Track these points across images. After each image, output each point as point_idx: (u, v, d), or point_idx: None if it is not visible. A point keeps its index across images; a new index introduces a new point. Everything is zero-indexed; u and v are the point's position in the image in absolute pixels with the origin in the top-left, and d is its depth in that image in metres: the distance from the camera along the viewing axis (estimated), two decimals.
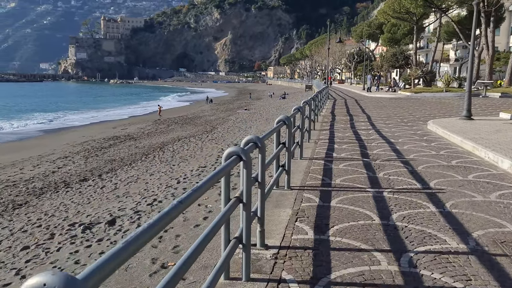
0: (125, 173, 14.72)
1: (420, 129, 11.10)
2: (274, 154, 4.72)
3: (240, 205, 2.80)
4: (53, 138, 28.16)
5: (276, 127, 4.72)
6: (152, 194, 10.98)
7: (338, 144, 8.72)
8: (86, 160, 18.37)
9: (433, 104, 21.60)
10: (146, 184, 12.37)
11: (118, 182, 13.20)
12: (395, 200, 4.68)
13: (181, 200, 2.06)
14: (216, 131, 25.11)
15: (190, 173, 13.10)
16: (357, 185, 5.37)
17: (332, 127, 12.03)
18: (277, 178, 4.98)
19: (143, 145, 22.01)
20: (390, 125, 12.02)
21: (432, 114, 16.20)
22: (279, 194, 4.97)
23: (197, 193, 2.23)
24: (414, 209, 4.34)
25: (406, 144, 8.68)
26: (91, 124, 37.26)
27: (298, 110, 6.95)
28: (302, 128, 7.44)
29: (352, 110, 18.25)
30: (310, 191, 5.09)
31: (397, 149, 8.00)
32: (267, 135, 3.80)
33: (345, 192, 5.04)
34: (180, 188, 11.12)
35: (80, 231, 8.36)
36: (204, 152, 17.37)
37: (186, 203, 2.07)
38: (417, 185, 5.35)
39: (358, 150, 8.05)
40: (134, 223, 8.49)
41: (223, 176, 2.61)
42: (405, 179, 5.66)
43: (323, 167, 6.52)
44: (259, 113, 36.63)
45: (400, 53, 39.91)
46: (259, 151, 3.28)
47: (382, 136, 9.70)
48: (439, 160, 6.97)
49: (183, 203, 2.03)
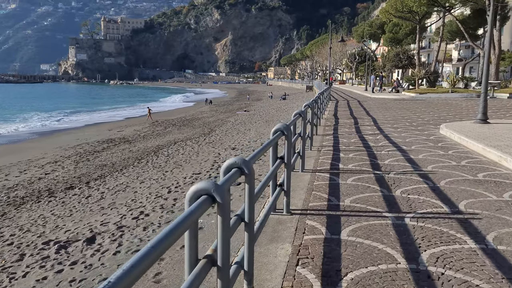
0: (114, 180, 13.80)
1: (432, 134, 10.15)
2: (270, 172, 3.80)
3: (213, 269, 1.86)
4: (46, 141, 27.26)
5: (272, 139, 3.80)
6: (139, 205, 10.04)
7: (344, 153, 7.78)
8: (76, 165, 17.46)
9: (440, 106, 20.65)
10: (134, 193, 11.44)
11: (106, 190, 12.28)
12: (421, 230, 3.74)
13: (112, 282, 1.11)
14: (214, 133, 24.19)
15: (183, 180, 12.17)
16: (371, 207, 4.43)
17: (336, 131, 11.08)
18: (274, 201, 4.06)
19: (137, 148, 21.11)
20: (399, 130, 11.07)
21: (442, 116, 15.25)
22: (276, 222, 4.03)
23: (146, 261, 1.28)
24: (448, 245, 3.39)
25: (420, 152, 7.73)
26: (86, 126, 36.37)
27: (299, 115, 6.02)
28: (304, 135, 6.50)
29: (356, 112, 17.30)
30: (314, 217, 4.15)
31: (412, 159, 7.05)
32: (258, 154, 2.87)
33: (358, 218, 4.10)
34: (171, 198, 10.20)
35: (54, 251, 7.43)
36: (200, 156, 16.45)
37: None
38: (444, 207, 4.41)
39: (367, 159, 7.10)
40: (115, 242, 7.55)
41: (185, 230, 1.66)
42: (427, 199, 4.72)
43: (328, 182, 5.58)
44: (258, 114, 35.71)
45: (403, 53, 38.96)
46: (245, 180, 2.37)
47: (392, 143, 8.76)
48: (463, 173, 6.03)
49: None
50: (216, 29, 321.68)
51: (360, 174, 5.97)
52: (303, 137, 6.42)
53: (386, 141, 9.07)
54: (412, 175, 5.88)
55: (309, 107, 7.98)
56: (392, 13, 46.56)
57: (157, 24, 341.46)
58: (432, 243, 3.42)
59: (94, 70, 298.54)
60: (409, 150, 7.93)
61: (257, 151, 2.87)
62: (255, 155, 2.75)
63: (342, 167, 6.53)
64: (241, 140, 20.06)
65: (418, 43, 46.84)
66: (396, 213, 4.21)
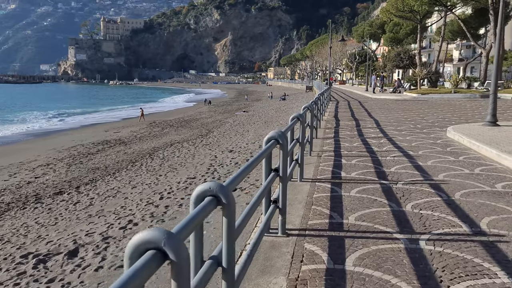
0: (105, 184, 13.22)
1: (439, 137, 9.56)
2: (263, 188, 3.23)
3: None
4: (40, 143, 26.70)
5: (264, 149, 3.22)
6: (129, 213, 9.46)
7: (346, 159, 7.19)
8: (69, 168, 16.90)
9: (443, 107, 20.06)
10: (125, 200, 10.86)
11: (95, 196, 11.70)
12: (440, 258, 3.16)
13: None
14: (212, 135, 23.61)
15: (177, 185, 11.59)
16: (379, 227, 3.85)
17: (336, 134, 10.50)
18: (267, 221, 3.48)
19: (132, 150, 20.55)
20: (403, 132, 10.48)
21: (446, 118, 14.66)
22: (269, 246, 3.45)
23: None
24: (475, 279, 2.82)
25: (428, 158, 7.15)
26: (83, 127, 35.80)
27: (297, 119, 5.45)
28: (303, 141, 5.92)
29: (357, 113, 16.72)
30: (314, 239, 3.57)
31: (420, 166, 6.47)
32: (242, 175, 2.25)
33: (364, 240, 3.51)
34: (162, 206, 9.62)
35: (31, 266, 6.85)
36: (195, 159, 15.87)
37: None
38: (463, 227, 3.82)
39: (371, 166, 6.52)
40: (99, 255, 6.97)
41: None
42: (443, 216, 4.14)
43: (329, 194, 4.99)
44: (258, 115, 35.13)
45: (405, 53, 38.36)
46: (223, 212, 1.79)
47: (397, 147, 8.18)
48: (479, 184, 5.45)
49: None
50: (216, 29, 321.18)
51: (365, 184, 5.39)
52: (301, 142, 5.84)
53: (391, 145, 8.49)
54: (423, 186, 5.31)
55: (308, 110, 7.40)
56: (393, 12, 46.04)
57: (156, 24, 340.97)
58: (455, 276, 2.84)
59: (93, 70, 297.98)
60: (416, 155, 7.35)
61: (241, 169, 2.27)
62: (237, 176, 2.14)
63: (345, 175, 5.95)
64: (239, 142, 19.50)
65: (419, 42, 46.26)
66: (409, 234, 3.63)
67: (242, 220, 2.25)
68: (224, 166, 13.75)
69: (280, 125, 24.49)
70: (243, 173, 2.22)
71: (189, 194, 10.25)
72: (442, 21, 45.75)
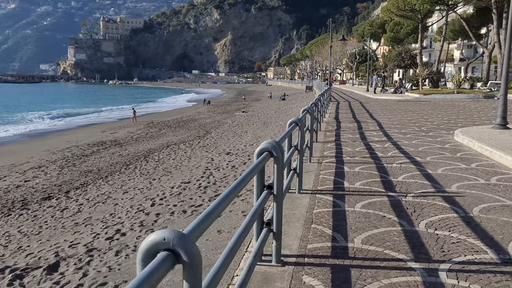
0: (96, 189, 12.68)
1: (446, 141, 9.00)
2: (254, 209, 2.68)
3: None
4: (35, 144, 26.18)
5: (255, 164, 2.66)
6: (117, 221, 8.90)
7: (349, 166, 6.64)
8: (61, 171, 16.37)
9: (447, 108, 19.50)
10: (115, 206, 10.31)
11: (85, 202, 11.15)
12: None
13: None
14: (209, 136, 23.07)
15: (170, 191, 11.02)
16: (390, 252, 3.30)
17: (338, 137, 9.94)
18: (260, 247, 2.92)
19: (127, 152, 20.03)
20: (408, 136, 9.91)
21: (452, 120, 14.10)
22: (261, 279, 2.89)
23: None
24: None
25: (438, 165, 6.59)
26: (80, 127, 35.26)
27: (295, 123, 4.89)
28: (302, 148, 5.36)
29: (359, 115, 16.15)
30: (314, 269, 3.02)
31: (430, 175, 5.91)
32: (207, 219, 1.54)
33: (374, 272, 2.96)
34: (153, 213, 9.06)
35: (6, 283, 6.30)
36: (191, 162, 15.32)
37: None
38: (489, 253, 3.27)
39: (376, 175, 5.96)
40: (80, 270, 6.41)
41: None
42: (463, 238, 3.58)
43: (331, 209, 4.44)
44: (257, 115, 34.57)
45: (406, 52, 37.77)
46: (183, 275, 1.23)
47: (403, 152, 7.62)
48: (498, 197, 4.89)
49: None
50: (216, 29, 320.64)
51: (371, 197, 4.84)
52: (300, 149, 5.28)
53: (396, 150, 7.93)
54: (435, 199, 4.76)
55: (308, 112, 6.85)
56: (394, 11, 45.47)
57: (156, 24, 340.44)
58: None
59: (93, 70, 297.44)
60: (424, 162, 6.80)
61: (211, 206, 1.61)
62: (204, 219, 1.47)
63: (348, 186, 5.40)
64: (236, 144, 18.97)
65: (420, 42, 45.69)
66: (426, 263, 3.08)
67: (215, 273, 1.67)
68: (221, 169, 13.20)
69: (279, 126, 23.96)
70: (213, 212, 1.60)
71: (182, 201, 9.71)
72: (443, 21, 45.19)
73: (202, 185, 11.04)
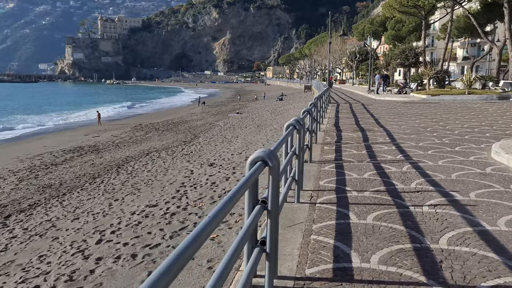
0: (44, 213, 10.43)
1: (485, 162, 6.70)
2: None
3: None
4: (7, 148, 23.94)
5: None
6: (42, 271, 6.65)
7: (356, 212, 4.36)
8: (17, 185, 14.17)
9: (461, 111, 17.22)
10: (52, 241, 8.07)
11: (19, 233, 8.92)
12: None
13: None
14: (196, 141, 20.83)
15: (129, 218, 8.76)
16: None
17: (339, 155, 7.68)
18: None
19: (101, 161, 17.82)
20: (429, 153, 7.61)
21: (475, 127, 11.83)
22: None
23: None
24: None
25: (494, 210, 4.32)
26: (63, 130, 33.02)
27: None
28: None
29: (363, 120, 13.87)
30: None
31: (490, 234, 3.66)
32: None
33: None
34: (94, 257, 6.78)
35: None
36: (167, 176, 13.08)
37: None
38: None
39: (402, 234, 3.70)
40: None
41: None
42: None
43: None
44: (251, 117, 32.31)
45: (410, 50, 35.50)
46: None
47: (432, 184, 5.33)
48: None
49: None
50: (214, 28, 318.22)
51: None
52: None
53: (421, 178, 5.66)
54: None
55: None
56: (396, 8, 43.23)
57: (154, 23, 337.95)
58: None
59: (91, 69, 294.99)
60: (470, 204, 4.53)
61: None
62: None
63: (358, 263, 3.14)
64: (223, 152, 16.70)
65: (424, 40, 43.47)
66: None
67: None
68: (198, 187, 10.95)
69: (274, 130, 21.69)
70: None
71: (137, 237, 7.47)
72: (446, 18, 42.92)
73: (170, 211, 8.80)
